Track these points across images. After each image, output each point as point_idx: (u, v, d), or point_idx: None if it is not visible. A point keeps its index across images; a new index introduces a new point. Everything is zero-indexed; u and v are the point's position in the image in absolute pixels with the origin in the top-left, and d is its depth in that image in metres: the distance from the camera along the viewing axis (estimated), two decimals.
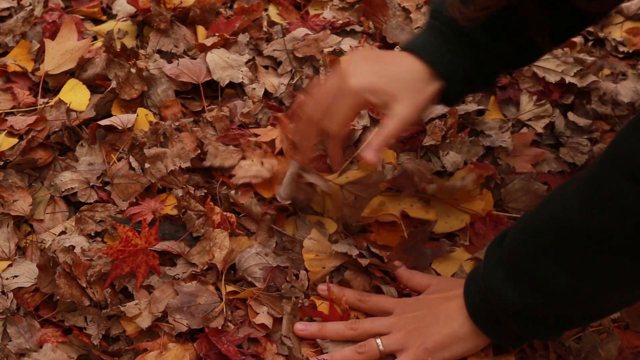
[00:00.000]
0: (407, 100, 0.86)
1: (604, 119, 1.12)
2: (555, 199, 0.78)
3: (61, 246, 0.93)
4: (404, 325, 0.87)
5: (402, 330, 0.86)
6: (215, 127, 1.07)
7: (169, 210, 0.99)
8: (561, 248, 0.75)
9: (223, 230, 0.95)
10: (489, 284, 0.81)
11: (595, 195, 0.71)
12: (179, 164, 1.02)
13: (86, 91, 1.14)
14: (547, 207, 0.78)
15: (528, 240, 0.78)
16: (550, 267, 0.75)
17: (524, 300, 0.78)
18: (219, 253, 0.93)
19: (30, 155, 1.05)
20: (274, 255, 0.95)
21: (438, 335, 0.85)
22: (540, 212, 0.79)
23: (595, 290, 0.76)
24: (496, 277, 0.80)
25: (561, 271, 0.75)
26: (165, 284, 0.92)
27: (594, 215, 0.71)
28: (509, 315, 0.81)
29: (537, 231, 0.77)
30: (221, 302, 0.91)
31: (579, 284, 0.75)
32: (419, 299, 0.90)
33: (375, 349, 0.86)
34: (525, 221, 0.80)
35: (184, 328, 0.88)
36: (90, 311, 0.90)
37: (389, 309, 0.89)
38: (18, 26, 1.24)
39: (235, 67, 1.16)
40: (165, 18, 1.20)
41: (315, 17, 1.26)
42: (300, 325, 0.89)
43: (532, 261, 0.77)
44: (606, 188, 0.70)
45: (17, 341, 0.88)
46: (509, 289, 0.79)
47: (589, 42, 1.26)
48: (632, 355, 0.90)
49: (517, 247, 0.79)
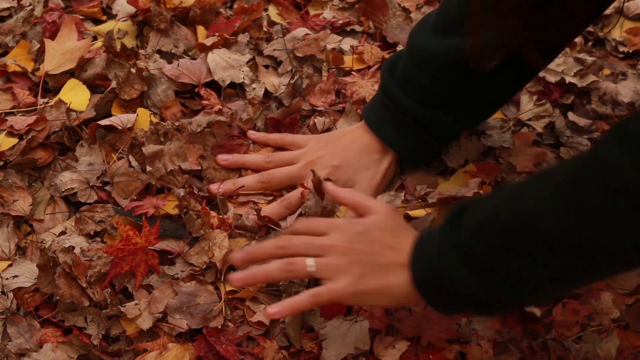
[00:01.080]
0: (364, 184, 1.00)
1: (604, 119, 1.12)
2: (525, 193, 0.76)
3: (61, 246, 0.93)
4: (343, 253, 0.82)
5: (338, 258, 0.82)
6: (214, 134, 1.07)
7: (170, 209, 0.99)
8: (530, 248, 0.74)
9: (223, 231, 0.95)
10: (441, 263, 0.78)
11: (574, 201, 0.70)
12: (178, 164, 1.02)
13: (86, 91, 1.14)
14: (517, 204, 0.76)
15: (493, 232, 0.76)
16: (514, 262, 0.74)
17: (480, 287, 0.77)
18: (218, 252, 0.93)
19: (30, 155, 1.05)
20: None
21: (372, 283, 0.82)
22: (508, 206, 0.77)
23: (559, 285, 0.76)
24: (450, 259, 0.78)
25: (525, 267, 0.74)
26: (164, 284, 0.92)
27: (569, 220, 0.71)
28: (456, 294, 0.79)
29: (505, 226, 0.76)
30: (220, 302, 0.91)
31: (541, 280, 0.75)
32: (368, 228, 0.85)
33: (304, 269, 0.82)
34: (491, 211, 0.78)
35: (183, 328, 0.88)
36: (90, 311, 0.90)
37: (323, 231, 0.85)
38: (18, 26, 1.24)
39: (237, 67, 1.16)
40: (165, 18, 1.20)
41: (315, 17, 1.26)
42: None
43: (496, 254, 0.76)
44: (587, 197, 0.70)
45: (17, 341, 0.89)
46: (465, 275, 0.77)
47: (589, 42, 1.25)
48: (632, 355, 0.89)
49: (480, 236, 0.77)
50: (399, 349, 0.89)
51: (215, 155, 1.05)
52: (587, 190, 0.70)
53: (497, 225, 0.76)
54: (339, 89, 1.13)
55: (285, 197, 1.01)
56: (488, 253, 0.76)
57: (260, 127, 1.10)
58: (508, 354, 0.88)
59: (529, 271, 0.74)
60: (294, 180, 1.02)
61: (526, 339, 0.90)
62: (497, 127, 1.10)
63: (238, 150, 1.06)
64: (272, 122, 1.10)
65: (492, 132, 1.09)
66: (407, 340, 0.89)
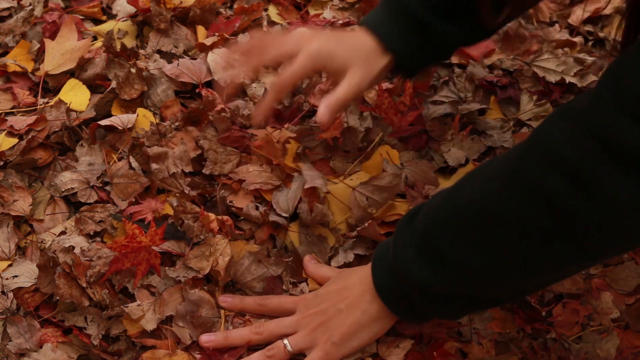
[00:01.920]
0: (359, 69, 0.92)
1: None
2: (474, 180, 0.78)
3: (61, 246, 0.93)
4: (308, 323, 0.87)
5: (307, 328, 0.87)
6: (216, 128, 1.07)
7: (169, 211, 0.99)
8: (478, 230, 0.74)
9: (224, 237, 0.95)
10: (399, 263, 0.81)
11: (516, 182, 0.71)
12: (181, 167, 1.02)
13: (86, 91, 1.14)
14: (465, 189, 0.78)
15: (443, 220, 0.78)
16: (465, 249, 0.75)
17: (436, 280, 0.78)
18: (222, 260, 0.93)
19: (30, 155, 1.05)
20: (273, 261, 0.95)
21: (343, 327, 0.86)
22: (457, 193, 0.78)
23: (510, 273, 0.76)
24: (407, 257, 0.80)
25: (477, 253, 0.75)
26: (173, 288, 0.92)
27: (513, 201, 0.71)
28: (419, 294, 0.81)
29: (454, 212, 0.77)
30: (220, 319, 0.91)
31: (494, 266, 0.75)
32: (318, 294, 0.90)
33: (283, 351, 0.87)
34: (441, 201, 0.80)
35: (186, 342, 0.88)
36: (90, 311, 0.90)
37: (290, 309, 0.90)
38: (18, 26, 1.24)
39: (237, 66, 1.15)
40: (165, 18, 1.20)
41: (315, 17, 1.26)
42: (205, 336, 0.89)
43: (447, 242, 0.77)
44: (527, 176, 0.70)
45: (17, 341, 0.88)
46: (421, 269, 0.79)
47: (589, 42, 1.26)
48: (632, 355, 0.90)
49: (432, 226, 0.79)
50: (403, 347, 0.89)
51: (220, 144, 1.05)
52: (527, 168, 0.70)
53: (447, 214, 0.77)
54: None
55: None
56: (439, 241, 0.77)
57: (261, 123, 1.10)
58: (509, 354, 0.88)
59: (479, 256, 0.74)
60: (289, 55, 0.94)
61: (527, 339, 0.90)
62: (497, 127, 1.10)
63: (241, 142, 1.06)
64: (274, 111, 1.10)
65: (492, 132, 1.09)
66: (410, 338, 0.90)
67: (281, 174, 1.02)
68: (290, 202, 0.99)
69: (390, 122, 1.08)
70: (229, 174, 1.03)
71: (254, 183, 1.01)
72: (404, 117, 1.08)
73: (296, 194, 0.99)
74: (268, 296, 0.93)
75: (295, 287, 0.93)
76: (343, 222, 1.00)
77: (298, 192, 0.99)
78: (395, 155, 1.06)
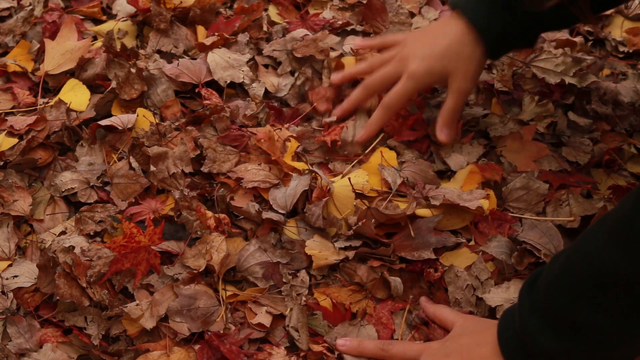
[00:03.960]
0: (460, 74, 1.00)
1: (605, 119, 1.12)
2: (589, 242, 0.75)
3: (61, 246, 0.93)
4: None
5: None
6: (215, 127, 1.07)
7: (169, 211, 0.99)
8: (600, 293, 0.72)
9: (220, 235, 0.95)
10: (526, 331, 0.78)
11: (630, 240, 0.69)
12: (181, 167, 1.02)
13: (86, 91, 1.14)
14: (581, 251, 0.76)
15: (564, 286, 0.76)
16: (590, 313, 0.73)
17: (564, 347, 0.76)
18: (216, 255, 0.93)
19: (30, 155, 1.05)
20: (273, 250, 0.95)
21: None
22: (573, 256, 0.76)
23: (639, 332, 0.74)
24: (533, 325, 0.77)
25: (602, 317, 0.73)
26: (165, 287, 0.92)
27: (631, 260, 0.69)
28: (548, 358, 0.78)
29: (573, 277, 0.75)
30: (220, 307, 0.91)
31: (621, 328, 0.73)
32: (446, 345, 0.86)
33: None
34: (559, 266, 0.77)
35: (185, 334, 0.88)
36: (90, 311, 0.90)
37: (414, 357, 0.86)
38: (18, 26, 1.24)
39: (237, 66, 1.16)
40: (165, 18, 1.20)
41: (314, 17, 1.26)
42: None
43: (571, 308, 0.75)
44: None
45: (17, 341, 0.88)
46: (547, 336, 0.76)
47: (589, 42, 1.26)
48: None
49: (553, 293, 0.77)
50: None
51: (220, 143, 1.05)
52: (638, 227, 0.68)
53: (567, 278, 0.75)
54: None
55: None
56: (564, 308, 0.75)
57: (262, 123, 1.10)
58: None
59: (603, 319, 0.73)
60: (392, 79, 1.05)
61: None
62: (497, 122, 1.10)
63: (241, 141, 1.06)
64: (275, 110, 1.11)
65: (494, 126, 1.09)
66: None
67: (279, 172, 1.02)
68: (288, 199, 0.99)
69: (391, 126, 1.08)
70: (228, 172, 1.03)
71: (252, 181, 1.01)
72: (404, 122, 1.08)
73: (295, 191, 0.99)
74: (391, 341, 0.89)
75: (295, 277, 0.93)
76: (342, 221, 1.00)
77: (297, 190, 0.99)
78: (393, 157, 1.06)
